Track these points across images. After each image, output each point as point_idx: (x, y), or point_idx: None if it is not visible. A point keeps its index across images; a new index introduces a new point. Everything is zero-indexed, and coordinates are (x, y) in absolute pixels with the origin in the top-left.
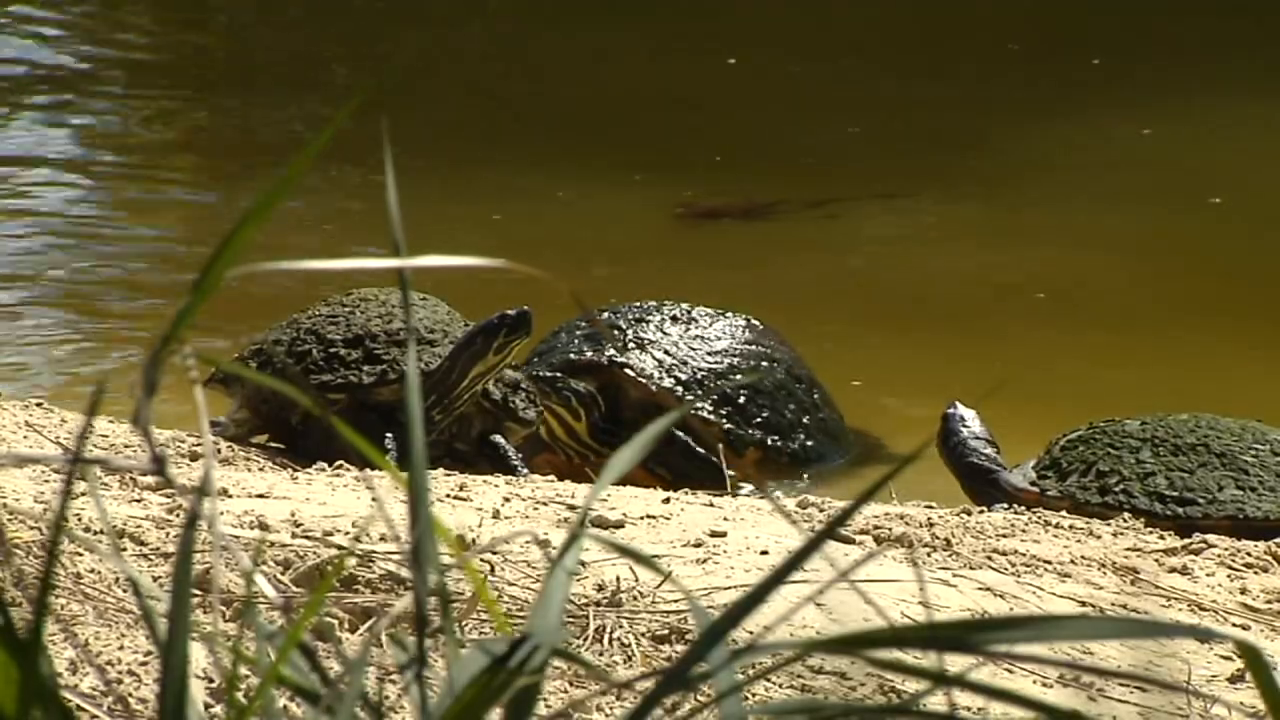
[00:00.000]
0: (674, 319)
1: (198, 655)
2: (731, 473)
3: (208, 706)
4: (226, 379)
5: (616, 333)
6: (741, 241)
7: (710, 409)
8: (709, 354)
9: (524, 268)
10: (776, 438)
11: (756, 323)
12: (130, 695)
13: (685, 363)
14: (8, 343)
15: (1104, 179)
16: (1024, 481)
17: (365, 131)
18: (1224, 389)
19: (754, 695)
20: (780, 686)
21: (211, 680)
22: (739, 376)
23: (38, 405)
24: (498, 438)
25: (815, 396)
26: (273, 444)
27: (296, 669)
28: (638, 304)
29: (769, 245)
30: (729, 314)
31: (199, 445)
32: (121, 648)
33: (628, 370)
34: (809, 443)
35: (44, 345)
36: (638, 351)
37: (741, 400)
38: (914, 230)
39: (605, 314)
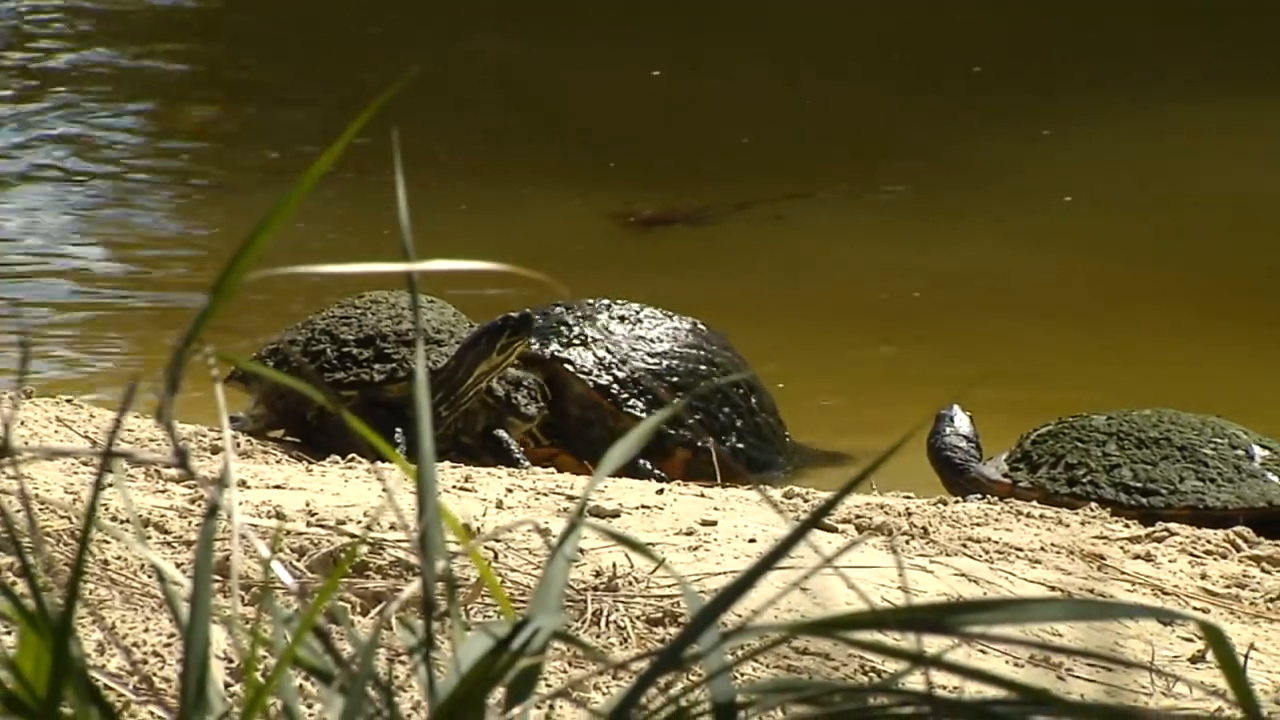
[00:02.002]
0: (621, 318)
1: (218, 637)
2: (659, 473)
3: (227, 685)
4: (245, 377)
5: (563, 328)
6: (692, 245)
7: (643, 409)
8: (649, 354)
9: (525, 271)
10: (707, 440)
11: (702, 326)
12: (155, 675)
13: (625, 361)
14: (39, 342)
15: (1039, 179)
16: (997, 473)
17: (357, 147)
18: (1184, 386)
19: (743, 675)
20: (767, 667)
21: (231, 661)
22: (675, 378)
23: (67, 401)
24: (501, 432)
25: (753, 402)
26: (289, 438)
27: (311, 650)
28: (590, 301)
29: (719, 249)
30: (676, 316)
31: (219, 440)
32: (146, 630)
33: (568, 365)
34: (739, 445)
35: (73, 345)
36: (580, 348)
37: (676, 400)
38: (864, 230)
39: (558, 309)
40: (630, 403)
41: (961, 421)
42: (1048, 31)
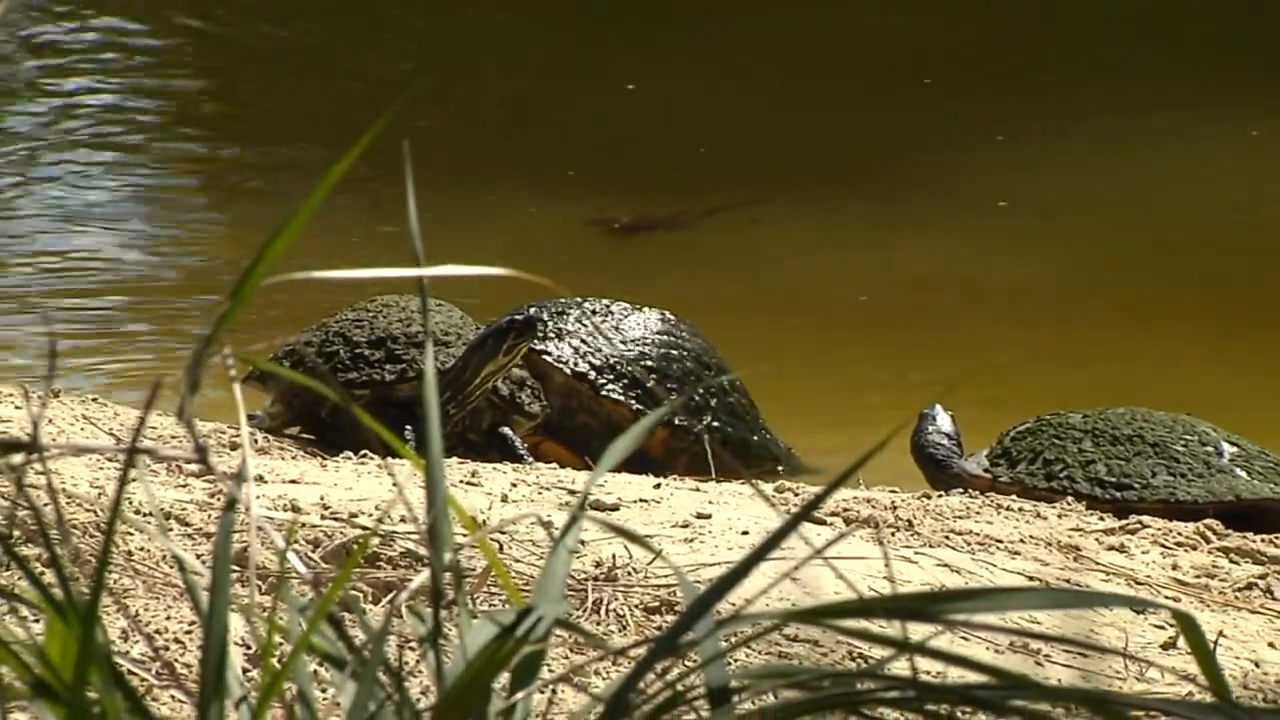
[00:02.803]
0: (592, 312)
1: (236, 625)
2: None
3: (245, 671)
4: (262, 377)
5: (539, 325)
6: (673, 250)
7: (620, 392)
8: (621, 342)
9: (529, 276)
10: (683, 418)
11: (670, 316)
12: (176, 661)
13: (599, 350)
14: (68, 341)
15: (1006, 186)
16: (978, 469)
17: (366, 161)
18: (1156, 385)
19: (736, 661)
20: (760, 653)
21: (249, 647)
22: (649, 363)
23: (93, 400)
24: (506, 429)
25: (725, 383)
26: (304, 435)
27: (325, 638)
28: (562, 299)
29: (698, 253)
30: (644, 308)
31: (237, 436)
32: (168, 618)
33: (546, 357)
34: (715, 424)
35: (98, 345)
36: (556, 340)
37: (650, 384)
38: (837, 236)
39: (532, 308)
40: (607, 387)
41: (943, 420)
42: (1007, 42)
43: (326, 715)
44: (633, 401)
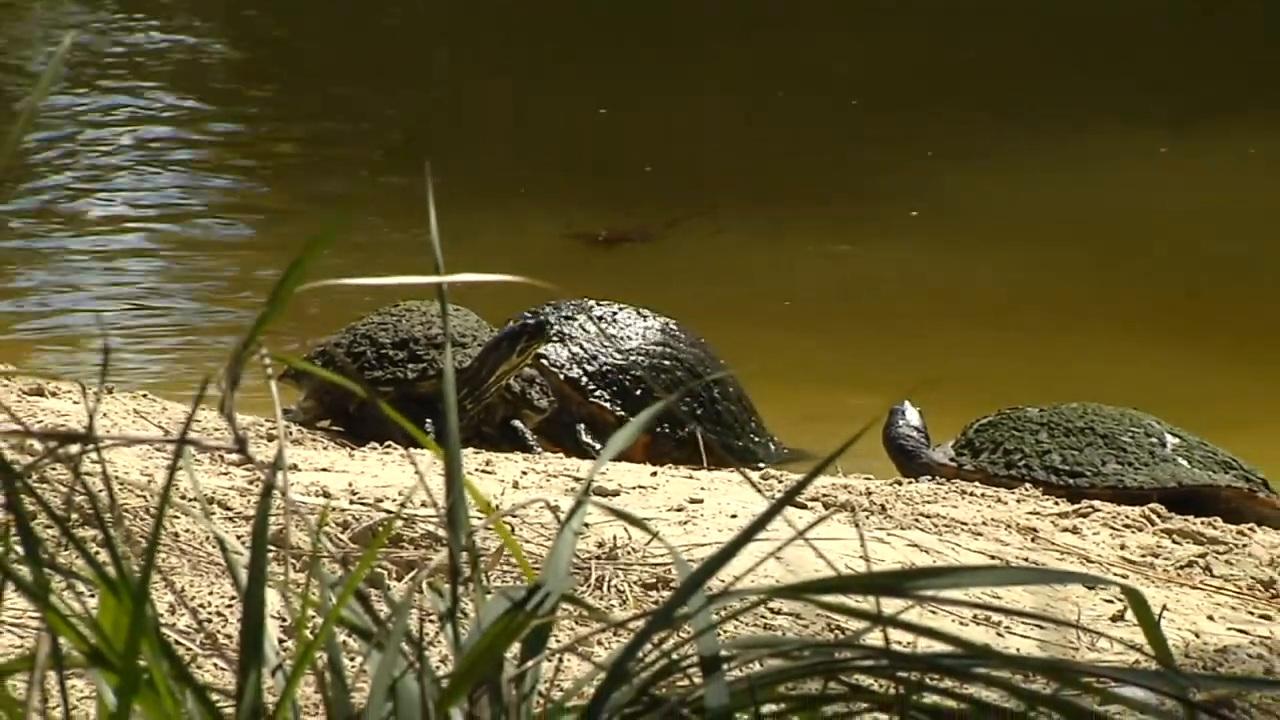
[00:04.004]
0: (599, 318)
1: (273, 600)
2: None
3: (281, 641)
4: (296, 375)
5: (549, 328)
6: (651, 259)
7: (608, 399)
8: (618, 351)
9: (539, 282)
10: (665, 426)
11: (674, 326)
12: (218, 632)
13: (595, 358)
14: (122, 339)
15: (958, 203)
16: (944, 458)
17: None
18: (1106, 382)
19: (725, 632)
20: (747, 625)
21: (284, 620)
22: (639, 372)
23: (144, 396)
24: (517, 423)
25: (714, 392)
26: (334, 428)
27: (353, 611)
28: (575, 302)
29: (675, 261)
30: (650, 317)
31: (274, 429)
32: (211, 593)
33: (543, 360)
34: (698, 432)
35: (148, 347)
36: (558, 345)
37: (638, 393)
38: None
39: (549, 308)
40: (597, 393)
41: (912, 414)
42: (972, 67)
43: (354, 682)
44: (618, 409)
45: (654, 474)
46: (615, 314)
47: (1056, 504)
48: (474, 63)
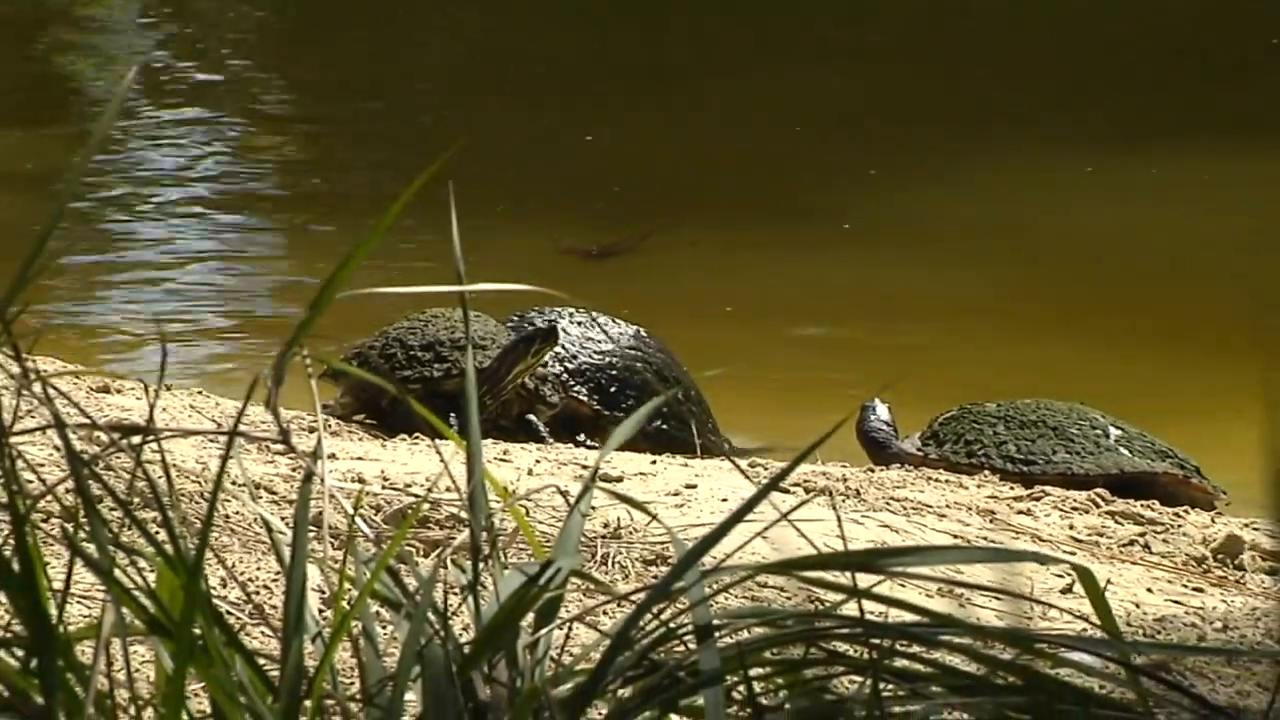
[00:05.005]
0: (579, 323)
1: (313, 574)
2: (594, 443)
3: (320, 611)
4: (335, 374)
5: (559, 333)
6: (638, 271)
7: (585, 394)
8: (595, 352)
9: (550, 291)
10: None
11: (644, 333)
12: (264, 604)
13: (575, 357)
14: (179, 342)
15: (921, 219)
16: (912, 448)
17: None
18: (1056, 379)
19: (717, 604)
20: (737, 597)
21: (323, 592)
22: (614, 371)
23: (199, 393)
24: (531, 417)
25: (679, 394)
26: (368, 421)
27: (385, 585)
28: (555, 308)
29: (660, 272)
30: (623, 324)
31: (314, 422)
32: (258, 569)
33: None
34: (664, 426)
35: (203, 348)
36: None
37: (612, 390)
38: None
39: (533, 313)
40: (575, 388)
41: (882, 410)
42: (933, 95)
43: (385, 648)
44: (594, 403)
45: (653, 462)
46: (593, 320)
47: (1012, 489)
48: (477, 95)
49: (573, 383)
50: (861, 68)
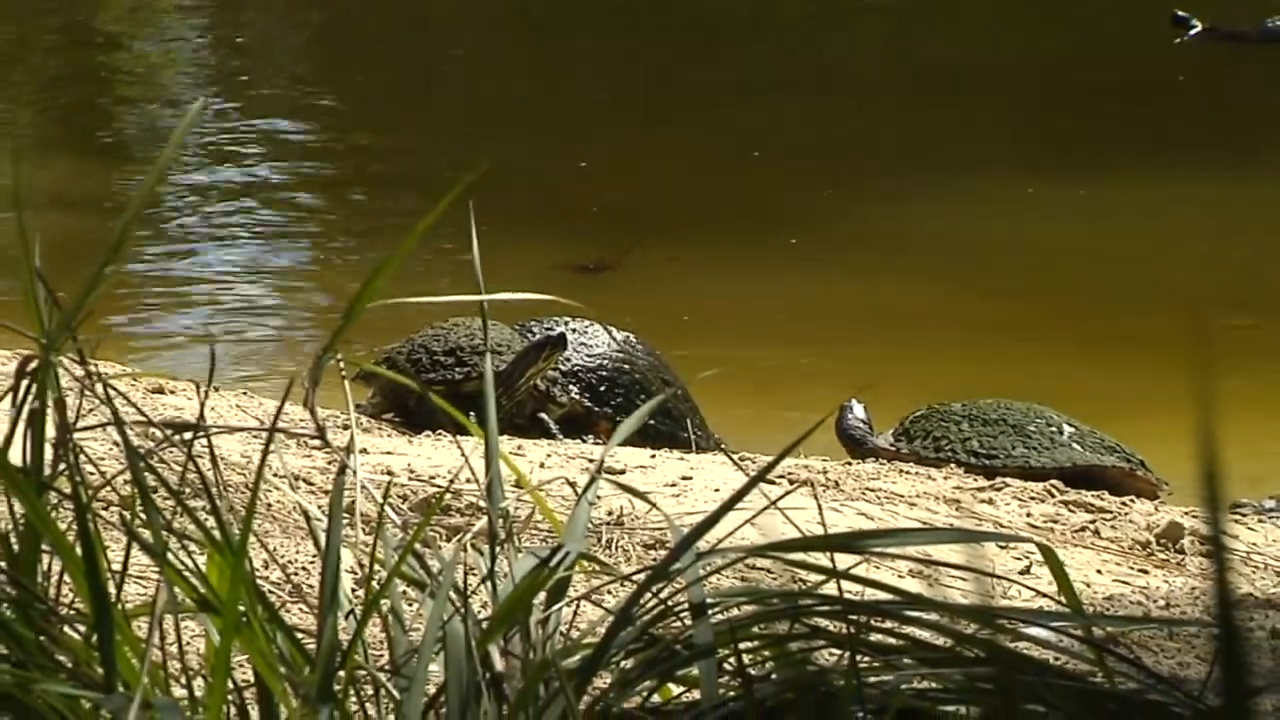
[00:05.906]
0: (573, 330)
1: (346, 557)
2: (591, 437)
3: (353, 590)
4: (366, 376)
5: (529, 335)
6: (630, 284)
7: (577, 392)
8: (587, 355)
9: (565, 300)
10: (623, 416)
11: (633, 338)
12: (302, 584)
13: (568, 359)
14: (227, 347)
15: (893, 235)
16: (886, 444)
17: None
18: (1016, 382)
19: (710, 584)
20: (729, 578)
21: (355, 573)
22: (604, 373)
23: (244, 393)
24: (543, 415)
25: (667, 393)
26: (396, 419)
27: (411, 567)
28: (554, 317)
29: (650, 284)
30: (615, 330)
31: (348, 420)
32: (297, 552)
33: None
34: (650, 421)
35: (248, 353)
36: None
37: (602, 389)
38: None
39: (532, 322)
40: (567, 387)
41: (859, 409)
42: (899, 130)
43: (411, 624)
44: (585, 398)
45: (652, 456)
46: (587, 327)
47: (976, 481)
48: (484, 125)
49: (565, 382)
50: (821, 99)
